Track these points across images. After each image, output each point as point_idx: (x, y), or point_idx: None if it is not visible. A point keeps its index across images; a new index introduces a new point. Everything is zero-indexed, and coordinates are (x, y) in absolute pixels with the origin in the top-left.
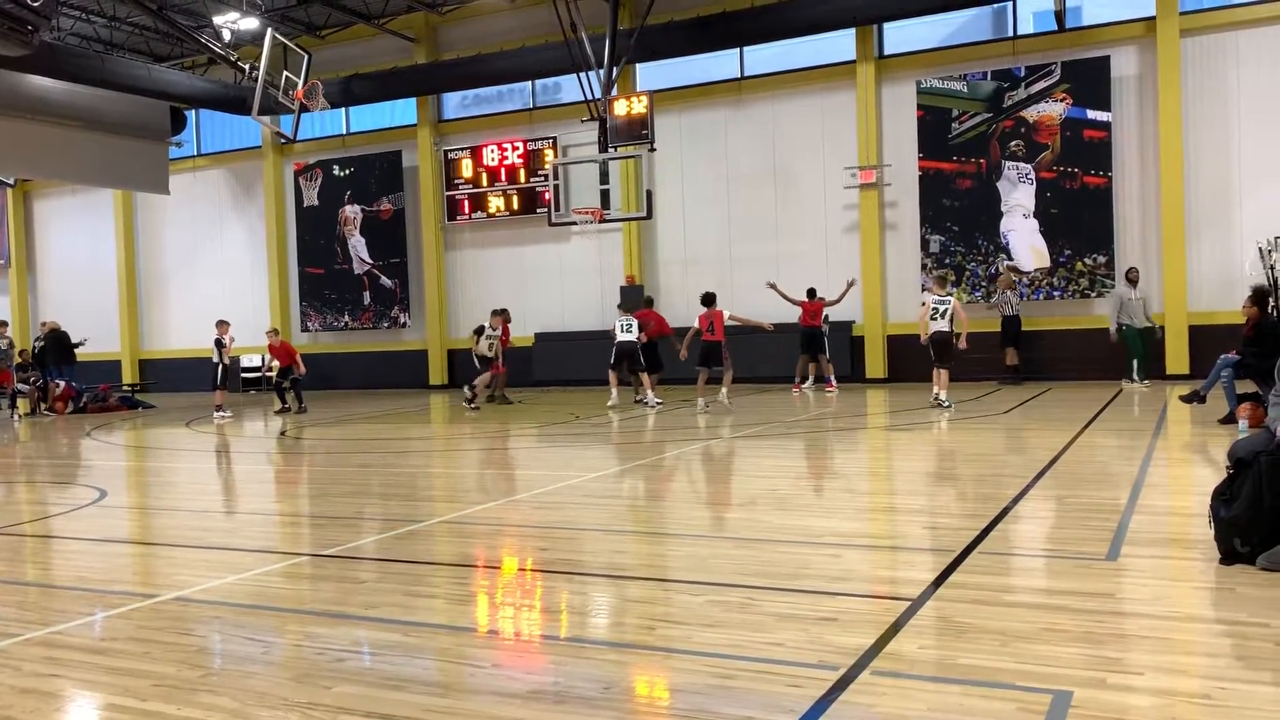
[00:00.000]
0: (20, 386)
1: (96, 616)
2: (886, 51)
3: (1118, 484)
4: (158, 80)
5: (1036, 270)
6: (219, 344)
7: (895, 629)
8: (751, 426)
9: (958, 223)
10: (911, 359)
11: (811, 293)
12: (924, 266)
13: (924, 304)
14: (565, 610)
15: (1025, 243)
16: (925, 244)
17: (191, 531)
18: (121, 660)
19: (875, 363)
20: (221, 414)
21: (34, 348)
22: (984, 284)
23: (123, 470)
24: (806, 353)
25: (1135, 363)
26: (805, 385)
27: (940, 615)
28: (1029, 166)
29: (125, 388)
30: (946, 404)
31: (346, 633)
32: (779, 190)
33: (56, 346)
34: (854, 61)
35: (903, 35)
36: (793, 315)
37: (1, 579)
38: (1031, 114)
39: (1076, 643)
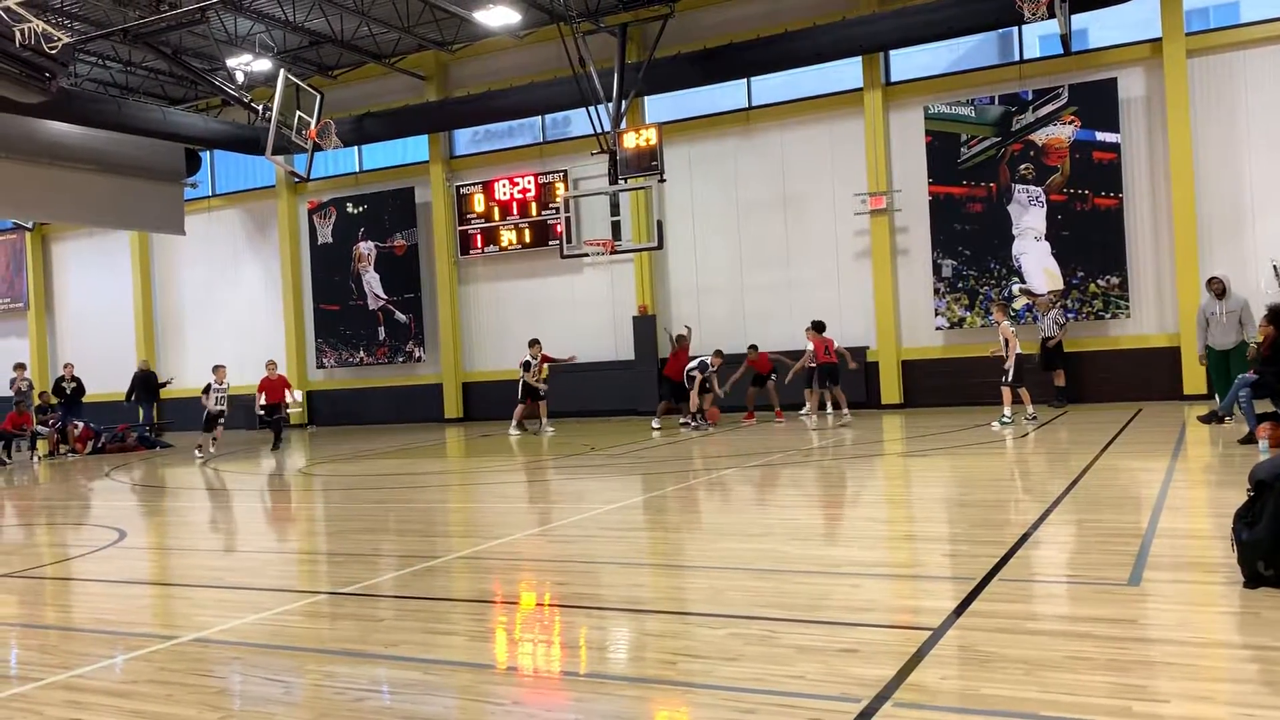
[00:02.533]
0: (40, 428)
1: (117, 659)
2: (893, 78)
3: (1138, 507)
4: (172, 123)
5: (1049, 293)
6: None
7: (917, 659)
8: (767, 455)
9: (969, 247)
10: (927, 384)
11: (820, 326)
12: (936, 291)
13: (1008, 329)
14: (585, 645)
15: (1038, 265)
16: (937, 268)
17: (210, 571)
18: (143, 703)
19: (890, 388)
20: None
21: (55, 388)
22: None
23: (141, 511)
24: (821, 386)
25: (1218, 394)
26: (812, 412)
27: (962, 644)
28: (1039, 189)
29: (144, 428)
30: (1032, 416)
31: (366, 671)
32: (789, 218)
33: (144, 386)
34: (861, 89)
35: (909, 62)
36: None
37: (22, 622)
38: (1040, 137)
39: (1101, 670)
